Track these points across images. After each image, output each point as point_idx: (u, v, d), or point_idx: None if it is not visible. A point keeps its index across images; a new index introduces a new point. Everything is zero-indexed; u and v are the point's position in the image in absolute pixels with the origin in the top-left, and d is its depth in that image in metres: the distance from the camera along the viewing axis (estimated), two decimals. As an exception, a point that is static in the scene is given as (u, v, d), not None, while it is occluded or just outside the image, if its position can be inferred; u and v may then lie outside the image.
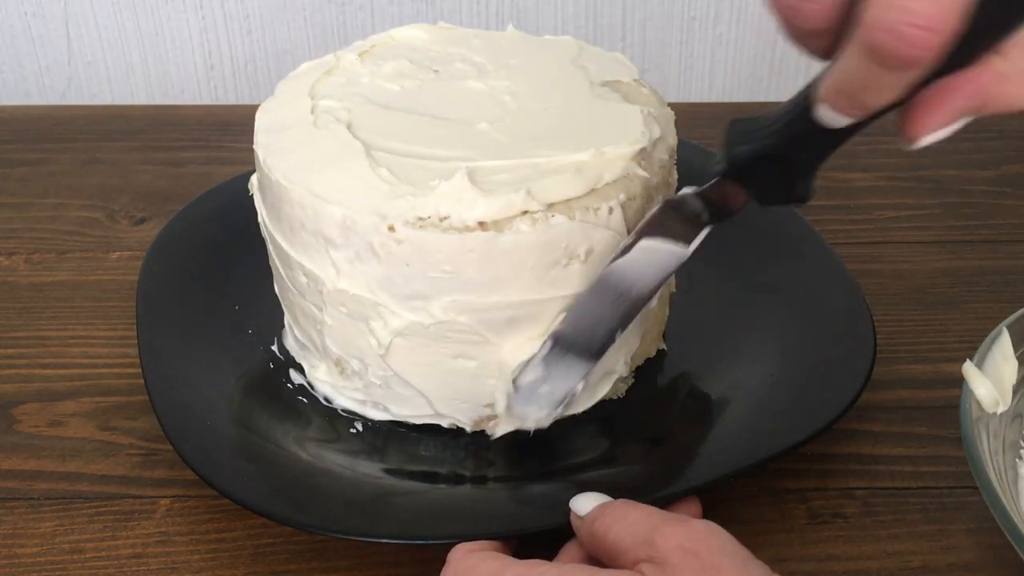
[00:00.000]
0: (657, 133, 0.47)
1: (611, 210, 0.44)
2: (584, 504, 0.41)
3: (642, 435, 0.49)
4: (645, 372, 0.52)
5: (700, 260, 0.57)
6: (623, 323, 0.44)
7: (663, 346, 0.53)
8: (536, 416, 0.46)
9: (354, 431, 0.49)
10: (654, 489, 0.43)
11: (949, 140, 0.34)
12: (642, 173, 0.45)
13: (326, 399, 0.51)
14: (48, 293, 0.61)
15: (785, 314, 0.53)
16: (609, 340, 0.45)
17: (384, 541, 0.43)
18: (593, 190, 0.44)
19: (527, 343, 0.45)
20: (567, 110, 0.49)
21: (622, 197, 0.44)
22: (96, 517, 0.47)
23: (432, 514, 0.44)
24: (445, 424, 0.49)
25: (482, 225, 0.42)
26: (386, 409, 0.49)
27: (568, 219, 0.43)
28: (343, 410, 0.50)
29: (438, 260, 0.43)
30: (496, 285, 0.44)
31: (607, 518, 0.39)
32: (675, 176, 0.49)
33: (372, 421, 0.49)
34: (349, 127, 0.48)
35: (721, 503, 0.46)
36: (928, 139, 0.33)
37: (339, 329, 0.47)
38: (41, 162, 0.73)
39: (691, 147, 0.63)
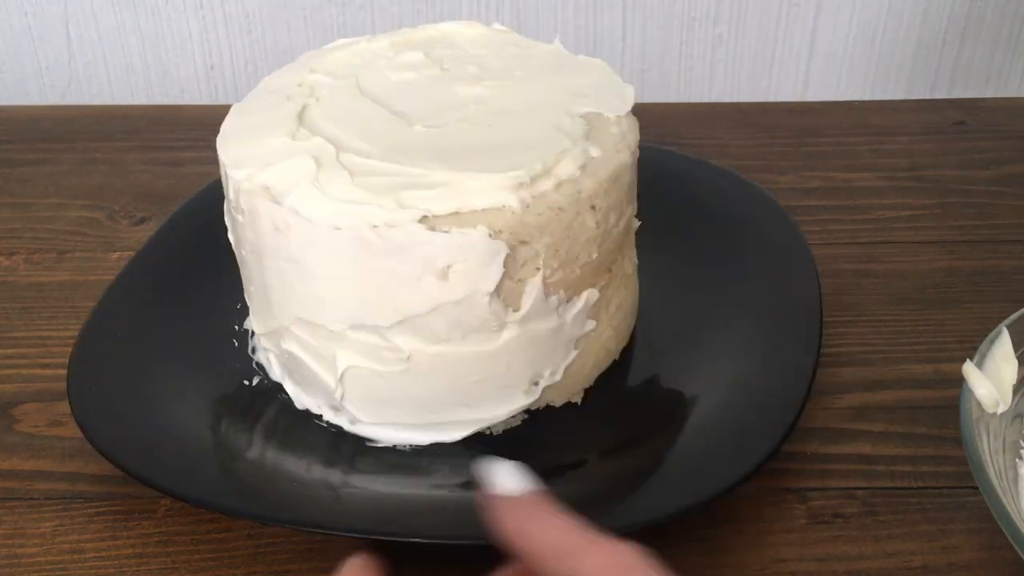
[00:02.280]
0: (567, 173, 0.44)
1: (475, 235, 0.42)
2: (503, 480, 0.35)
3: (603, 445, 0.48)
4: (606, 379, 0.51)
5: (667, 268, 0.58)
6: None
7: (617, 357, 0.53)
8: None
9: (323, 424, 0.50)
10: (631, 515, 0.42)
11: (949, 140, 0.33)
12: (513, 205, 0.43)
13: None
14: (48, 293, 0.61)
15: (737, 317, 0.53)
16: None
17: (341, 535, 0.43)
18: (457, 213, 0.43)
19: (362, 355, 0.46)
20: (509, 129, 0.47)
21: (487, 227, 0.42)
22: (96, 517, 0.47)
23: (392, 511, 0.44)
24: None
25: (338, 228, 0.43)
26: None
27: (428, 231, 0.42)
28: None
29: (286, 245, 0.44)
30: (344, 292, 0.44)
31: (528, 519, 0.34)
32: (601, 227, 0.46)
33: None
34: (305, 106, 0.49)
35: (721, 503, 0.46)
36: None
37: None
38: (41, 162, 0.73)
39: (689, 160, 0.64)
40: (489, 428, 0.48)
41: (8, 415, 0.52)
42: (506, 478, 0.35)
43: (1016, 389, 0.46)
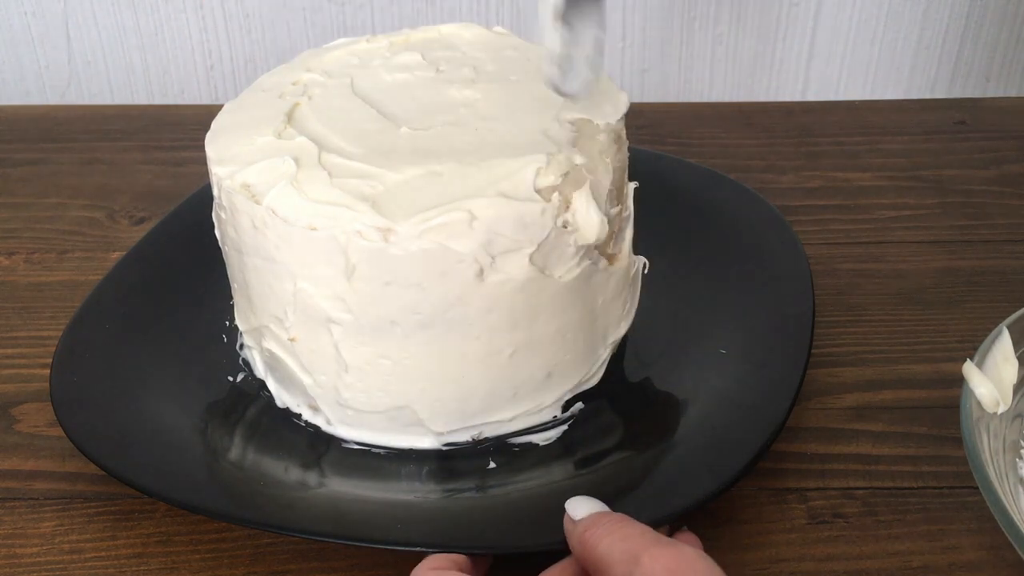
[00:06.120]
0: (548, 180, 0.44)
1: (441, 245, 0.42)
2: (580, 508, 0.40)
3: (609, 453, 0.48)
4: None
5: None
6: None
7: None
8: (585, 80, 0.45)
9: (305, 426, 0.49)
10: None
11: (949, 140, 0.33)
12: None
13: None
14: (48, 293, 0.61)
15: (728, 328, 0.52)
16: None
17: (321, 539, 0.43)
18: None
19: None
20: (494, 134, 0.47)
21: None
22: (96, 517, 0.47)
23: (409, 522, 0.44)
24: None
25: (314, 229, 0.43)
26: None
27: (396, 239, 0.42)
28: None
29: (264, 243, 0.45)
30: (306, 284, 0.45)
31: (600, 528, 0.38)
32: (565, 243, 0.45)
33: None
34: (296, 105, 0.49)
35: (721, 503, 0.46)
36: None
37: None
38: (41, 162, 0.73)
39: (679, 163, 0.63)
40: None
41: (8, 415, 0.52)
42: (578, 505, 0.40)
43: (1016, 389, 0.46)
